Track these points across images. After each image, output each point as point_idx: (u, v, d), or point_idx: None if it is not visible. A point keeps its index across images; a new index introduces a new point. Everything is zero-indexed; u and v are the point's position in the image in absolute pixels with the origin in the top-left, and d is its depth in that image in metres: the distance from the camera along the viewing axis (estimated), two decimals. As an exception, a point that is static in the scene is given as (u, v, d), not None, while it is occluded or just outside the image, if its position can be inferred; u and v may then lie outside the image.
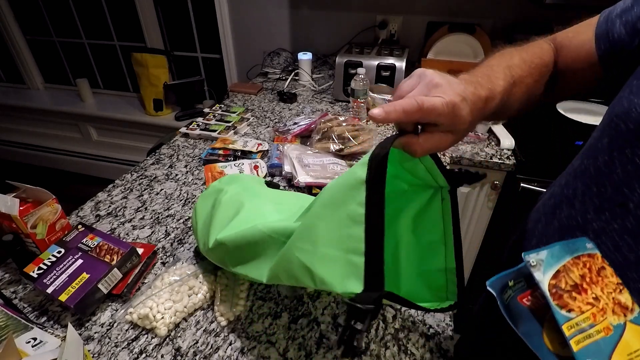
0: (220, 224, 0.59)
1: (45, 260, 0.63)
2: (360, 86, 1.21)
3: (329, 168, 0.95)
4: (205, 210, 0.65)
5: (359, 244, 0.36)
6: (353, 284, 0.36)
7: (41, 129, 2.62)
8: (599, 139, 0.48)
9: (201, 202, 0.67)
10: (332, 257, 0.38)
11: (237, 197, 0.62)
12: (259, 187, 0.69)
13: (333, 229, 0.39)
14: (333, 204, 0.40)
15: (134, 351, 0.56)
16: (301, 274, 0.41)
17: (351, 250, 0.37)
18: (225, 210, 0.60)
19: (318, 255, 0.40)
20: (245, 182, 0.69)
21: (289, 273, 0.44)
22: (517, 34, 1.41)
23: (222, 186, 0.66)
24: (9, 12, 2.35)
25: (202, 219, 0.64)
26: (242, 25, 1.91)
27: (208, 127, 1.19)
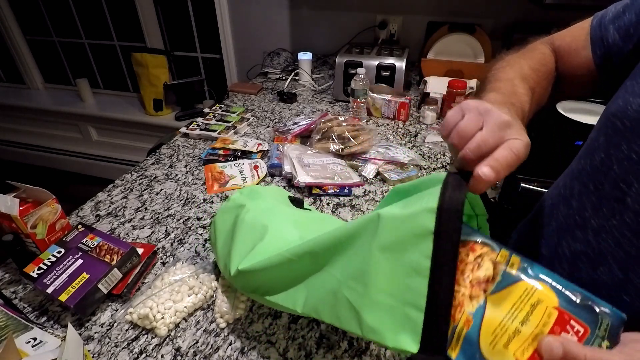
0: (242, 248, 0.55)
1: (45, 260, 0.63)
2: (360, 86, 1.21)
3: (329, 168, 0.95)
4: (226, 226, 0.61)
5: (419, 298, 0.33)
6: (407, 340, 0.33)
7: (41, 129, 2.62)
8: (595, 139, 0.49)
9: (221, 217, 0.63)
10: (386, 305, 0.35)
11: (260, 218, 0.58)
12: (283, 207, 0.64)
13: (390, 276, 0.36)
14: (391, 247, 0.36)
15: (134, 351, 0.56)
16: (347, 316, 0.38)
17: (409, 303, 0.34)
18: (248, 233, 0.56)
19: (369, 300, 0.36)
20: (268, 198, 0.64)
21: (332, 311, 0.41)
22: (517, 34, 1.41)
23: (244, 201, 0.62)
24: (9, 12, 2.35)
25: (222, 236, 0.61)
26: (242, 25, 1.91)
27: (208, 127, 1.19)
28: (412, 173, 0.96)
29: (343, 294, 0.39)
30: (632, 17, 0.47)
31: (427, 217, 0.34)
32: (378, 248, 0.37)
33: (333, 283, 0.41)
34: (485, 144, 0.35)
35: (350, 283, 0.39)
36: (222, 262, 0.59)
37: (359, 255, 0.39)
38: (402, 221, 0.36)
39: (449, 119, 0.38)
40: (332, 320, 0.41)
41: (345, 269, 0.41)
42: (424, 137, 1.19)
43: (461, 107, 0.38)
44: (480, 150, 0.35)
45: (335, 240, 0.43)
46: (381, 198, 0.90)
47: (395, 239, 0.36)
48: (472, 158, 0.35)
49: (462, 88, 1.23)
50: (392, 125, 1.27)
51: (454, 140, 0.37)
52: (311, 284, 0.45)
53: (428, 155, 1.09)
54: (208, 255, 0.73)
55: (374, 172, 0.98)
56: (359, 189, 0.93)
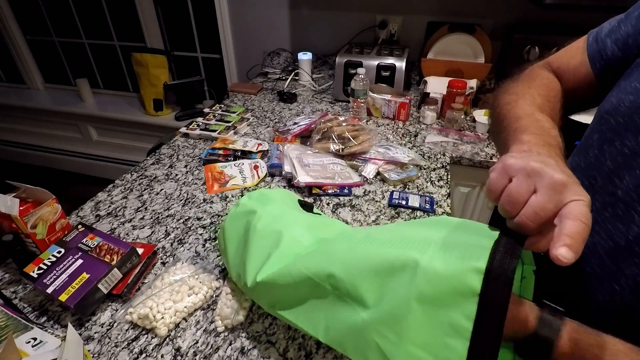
0: (258, 258, 0.54)
1: (45, 260, 0.63)
2: (360, 86, 1.21)
3: (329, 168, 0.95)
4: (237, 233, 0.60)
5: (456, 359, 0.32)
6: None
7: (41, 129, 2.61)
8: (589, 137, 0.51)
9: (231, 223, 0.62)
10: (420, 359, 0.34)
11: (273, 225, 0.57)
12: (294, 212, 0.62)
13: (426, 329, 0.34)
14: (430, 301, 0.34)
15: (134, 351, 0.56)
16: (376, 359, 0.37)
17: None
18: (262, 240, 0.55)
19: (402, 351, 0.35)
20: (278, 202, 0.63)
21: (358, 350, 0.40)
22: (517, 34, 1.41)
23: (254, 207, 0.60)
24: (9, 12, 2.35)
25: (234, 243, 0.60)
26: (242, 25, 1.91)
27: (208, 127, 1.19)
28: (412, 173, 0.96)
29: (372, 338, 0.38)
30: (628, 29, 0.49)
31: (473, 277, 0.32)
32: (416, 299, 0.35)
33: (357, 322, 0.40)
34: (544, 211, 0.32)
35: (381, 328, 0.37)
36: (235, 272, 0.58)
37: (391, 300, 0.37)
38: (444, 276, 0.34)
39: (495, 184, 0.35)
40: (358, 359, 0.40)
41: (373, 310, 0.39)
42: (424, 137, 1.19)
43: (504, 168, 0.35)
44: (538, 218, 0.32)
45: (361, 271, 0.41)
46: (381, 198, 0.90)
47: (436, 292, 0.34)
48: (530, 226, 0.33)
49: (462, 88, 1.23)
50: (392, 125, 1.27)
51: (505, 207, 0.35)
52: (332, 315, 0.44)
53: (428, 155, 1.09)
54: (208, 255, 0.73)
55: (374, 172, 0.98)
56: (359, 189, 0.93)
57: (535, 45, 1.39)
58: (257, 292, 0.54)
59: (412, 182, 0.96)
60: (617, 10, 0.54)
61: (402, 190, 0.93)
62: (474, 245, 0.34)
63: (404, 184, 0.95)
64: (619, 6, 1.07)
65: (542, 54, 1.39)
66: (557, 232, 0.31)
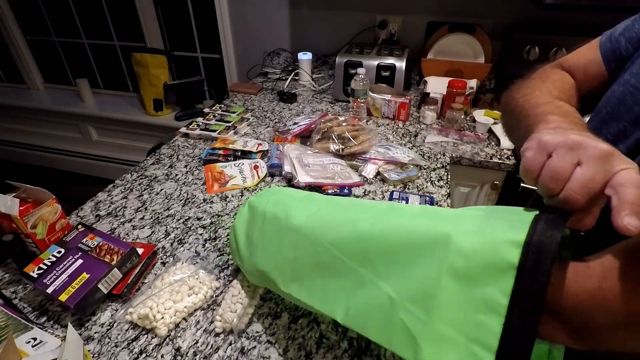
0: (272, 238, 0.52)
1: (45, 260, 0.63)
2: (360, 86, 1.21)
3: (329, 168, 0.95)
4: (246, 224, 0.59)
5: (491, 338, 0.30)
6: None
7: (41, 129, 2.61)
8: None
9: (240, 220, 0.61)
10: (449, 338, 0.32)
11: (284, 200, 0.55)
12: (304, 192, 0.61)
13: (457, 307, 0.32)
14: (463, 276, 0.33)
15: (134, 351, 0.56)
16: (401, 342, 0.35)
17: (476, 341, 0.31)
18: (275, 220, 0.53)
19: (431, 330, 0.33)
20: (286, 191, 0.62)
21: (382, 331, 0.38)
22: (517, 34, 1.41)
23: (261, 200, 0.59)
24: (9, 12, 2.35)
25: (243, 236, 0.59)
26: (242, 25, 1.91)
27: (208, 127, 1.19)
28: (412, 173, 0.96)
29: (399, 317, 0.36)
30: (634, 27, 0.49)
31: (511, 250, 0.30)
32: (448, 273, 0.33)
33: (384, 300, 0.38)
34: (593, 182, 0.30)
35: (409, 306, 0.36)
36: (248, 263, 0.57)
37: (420, 276, 0.36)
38: (479, 249, 0.32)
39: (532, 162, 0.33)
40: (381, 340, 0.38)
41: (401, 288, 0.37)
42: (424, 137, 1.19)
43: (541, 145, 0.33)
44: (587, 190, 0.30)
45: (388, 246, 0.39)
46: (381, 198, 0.90)
47: (469, 267, 0.32)
48: (579, 200, 0.31)
49: (462, 88, 1.23)
50: (392, 125, 1.27)
51: (548, 184, 0.32)
52: (354, 294, 0.41)
53: (428, 155, 1.09)
54: (208, 255, 0.73)
55: (374, 172, 0.98)
56: (359, 189, 0.93)
57: (535, 45, 1.39)
58: (271, 274, 0.52)
59: (412, 182, 0.96)
60: (617, 11, 0.54)
61: (402, 190, 0.93)
62: (512, 220, 0.33)
63: (404, 184, 0.95)
64: (619, 6, 1.08)
65: (542, 54, 1.40)
66: (617, 201, 0.29)
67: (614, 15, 1.40)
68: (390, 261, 0.39)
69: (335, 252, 0.43)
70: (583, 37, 0.61)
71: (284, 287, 0.50)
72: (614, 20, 0.59)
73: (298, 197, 0.57)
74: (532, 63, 1.43)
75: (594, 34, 0.59)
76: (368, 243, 0.41)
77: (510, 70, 1.48)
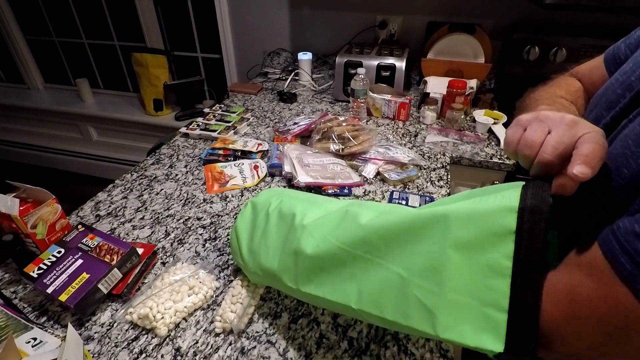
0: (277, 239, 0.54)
1: (45, 260, 0.63)
2: (360, 86, 1.21)
3: (329, 168, 0.95)
4: (250, 224, 0.60)
5: (501, 299, 0.33)
6: (490, 340, 0.33)
7: (41, 129, 2.61)
8: None
9: (242, 221, 0.62)
10: (463, 305, 0.35)
11: (284, 206, 0.57)
12: (305, 193, 0.64)
13: (466, 275, 0.35)
14: (467, 246, 0.35)
15: (134, 351, 0.56)
16: (418, 316, 0.38)
17: (489, 303, 0.33)
18: (280, 221, 0.55)
19: (444, 301, 0.36)
20: (287, 191, 0.64)
21: (398, 308, 0.40)
22: (517, 34, 1.41)
23: (265, 200, 0.61)
24: (9, 12, 2.35)
25: (246, 236, 0.60)
26: (242, 25, 1.91)
27: (208, 127, 1.19)
28: (412, 173, 0.96)
29: (412, 293, 0.38)
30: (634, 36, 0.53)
31: (507, 216, 0.33)
32: (452, 246, 0.36)
33: (394, 280, 0.40)
34: (561, 144, 0.34)
35: (420, 282, 0.38)
36: (252, 261, 0.58)
37: (427, 252, 0.38)
38: (478, 219, 0.35)
39: (511, 136, 0.39)
40: (397, 317, 0.40)
41: (410, 266, 0.40)
42: (424, 137, 1.19)
43: (518, 122, 0.39)
44: (557, 151, 0.34)
45: (391, 233, 0.42)
46: (381, 198, 0.90)
47: (471, 237, 0.35)
48: (550, 160, 0.35)
49: (462, 88, 1.23)
50: (392, 125, 1.27)
51: (524, 152, 0.37)
52: (365, 279, 0.43)
53: (428, 155, 1.09)
54: (208, 255, 0.73)
55: (374, 172, 0.98)
56: (359, 189, 0.93)
57: (535, 45, 1.39)
58: (276, 271, 0.53)
59: (412, 182, 0.96)
60: (617, 11, 0.54)
61: (402, 190, 0.93)
62: (502, 191, 0.36)
63: (404, 184, 0.95)
64: (619, 6, 1.08)
65: (542, 54, 1.40)
66: (574, 155, 0.33)
67: (614, 15, 1.41)
68: (396, 245, 0.41)
69: (341, 246, 0.45)
70: (583, 37, 0.62)
71: (291, 283, 0.51)
72: (614, 20, 0.59)
73: (301, 198, 0.58)
74: (532, 63, 1.43)
75: (594, 34, 0.60)
76: (372, 232, 0.43)
77: (510, 70, 1.48)
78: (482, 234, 0.34)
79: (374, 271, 0.42)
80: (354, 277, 0.44)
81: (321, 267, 0.47)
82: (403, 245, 0.41)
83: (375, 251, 0.43)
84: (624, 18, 1.34)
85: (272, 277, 0.54)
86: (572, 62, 0.68)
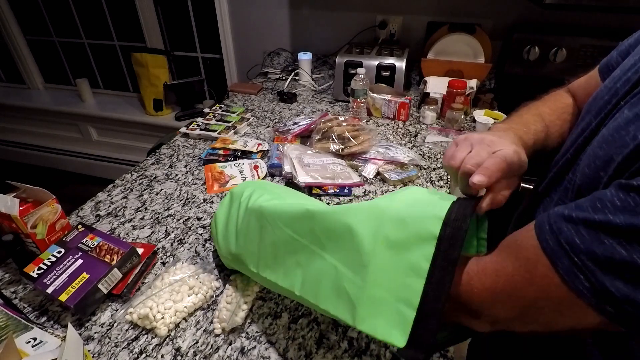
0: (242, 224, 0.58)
1: (45, 260, 0.63)
2: (360, 86, 1.21)
3: (329, 168, 0.95)
4: (224, 213, 0.64)
5: (414, 297, 0.35)
6: (396, 335, 0.36)
7: (41, 129, 2.61)
8: None
9: (220, 210, 0.66)
10: (381, 300, 0.37)
11: (259, 191, 0.60)
12: (279, 186, 0.68)
13: (389, 272, 0.38)
14: (394, 245, 0.38)
15: (134, 351, 0.56)
16: (343, 306, 0.40)
17: (402, 300, 0.36)
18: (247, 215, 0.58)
19: (366, 294, 0.38)
20: (262, 183, 0.68)
21: (329, 298, 0.42)
22: (517, 34, 1.41)
23: (242, 191, 0.63)
24: (9, 12, 2.35)
25: (222, 223, 0.63)
26: (242, 25, 1.91)
27: (208, 127, 1.19)
28: (412, 173, 0.96)
29: (342, 285, 0.41)
30: (631, 41, 0.55)
31: (434, 223, 0.37)
32: (382, 243, 0.39)
33: (331, 271, 0.43)
34: (478, 156, 0.43)
35: (349, 274, 0.40)
36: (224, 246, 0.61)
37: (359, 247, 0.40)
38: (409, 222, 0.38)
39: (447, 152, 0.48)
40: (328, 307, 0.42)
41: (344, 259, 0.42)
42: (424, 137, 1.19)
43: (455, 141, 0.48)
44: (474, 161, 0.43)
45: (332, 225, 0.44)
46: (381, 198, 0.90)
47: (401, 237, 0.38)
48: (471, 169, 0.42)
49: (462, 88, 1.23)
50: (392, 125, 1.27)
51: (451, 163, 0.45)
52: (307, 267, 0.46)
53: (428, 155, 1.09)
54: (208, 255, 0.73)
55: (374, 172, 0.98)
56: (359, 189, 0.93)
57: (535, 45, 1.39)
58: (242, 256, 0.56)
59: (412, 182, 0.96)
60: (617, 11, 0.54)
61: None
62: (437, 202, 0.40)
63: (404, 184, 0.95)
64: (620, 6, 1.08)
65: (542, 54, 1.39)
66: (478, 168, 0.42)
67: (614, 15, 1.41)
68: (335, 237, 0.44)
69: (289, 232, 0.49)
70: (583, 37, 0.62)
71: (253, 267, 0.54)
72: (614, 20, 0.59)
73: (270, 190, 0.62)
74: (532, 63, 1.43)
75: (594, 34, 0.60)
76: (315, 222, 0.46)
77: (510, 70, 1.48)
78: (410, 236, 0.38)
79: (315, 261, 0.45)
80: (300, 265, 0.47)
81: (276, 254, 0.50)
82: (341, 238, 0.43)
83: (318, 242, 0.45)
84: (624, 18, 1.34)
85: (240, 262, 0.58)
86: (572, 62, 0.69)
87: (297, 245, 0.48)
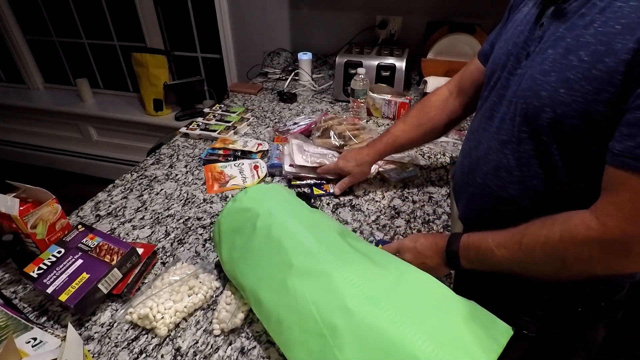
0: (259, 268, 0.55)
1: (45, 260, 0.63)
2: (360, 86, 1.21)
3: (328, 157, 0.96)
4: (232, 229, 0.62)
5: None
6: None
7: (41, 129, 2.61)
8: None
9: (227, 218, 0.63)
10: None
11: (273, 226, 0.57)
12: (292, 206, 0.63)
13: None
14: None
15: (134, 351, 0.56)
16: None
17: None
18: (265, 248, 0.56)
19: None
20: (275, 197, 0.64)
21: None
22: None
23: (252, 204, 0.61)
24: (9, 12, 2.34)
25: (229, 239, 0.61)
26: (242, 25, 1.91)
27: (208, 127, 1.19)
28: (412, 173, 0.96)
29: None
30: (491, 35, 0.76)
31: None
32: None
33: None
34: (329, 168, 0.91)
35: None
36: (229, 267, 0.60)
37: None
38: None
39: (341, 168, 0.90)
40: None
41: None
42: (424, 137, 1.19)
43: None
44: (327, 171, 0.92)
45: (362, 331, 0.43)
46: (381, 198, 0.90)
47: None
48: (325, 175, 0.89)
49: (462, 88, 1.23)
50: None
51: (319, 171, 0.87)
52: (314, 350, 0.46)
53: (428, 155, 1.09)
54: (208, 255, 0.73)
55: (374, 171, 0.97)
56: (359, 189, 0.93)
57: (535, 45, 1.39)
58: (248, 293, 0.56)
59: (412, 182, 0.96)
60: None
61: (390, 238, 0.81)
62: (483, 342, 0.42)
63: (404, 183, 0.95)
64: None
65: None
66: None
67: (614, 15, 1.40)
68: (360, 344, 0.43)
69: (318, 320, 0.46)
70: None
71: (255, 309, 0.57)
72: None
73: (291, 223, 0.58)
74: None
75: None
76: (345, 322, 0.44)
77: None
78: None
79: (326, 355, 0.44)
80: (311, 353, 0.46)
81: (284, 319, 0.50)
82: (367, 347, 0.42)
83: (339, 341, 0.43)
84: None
85: (242, 289, 0.58)
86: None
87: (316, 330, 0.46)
